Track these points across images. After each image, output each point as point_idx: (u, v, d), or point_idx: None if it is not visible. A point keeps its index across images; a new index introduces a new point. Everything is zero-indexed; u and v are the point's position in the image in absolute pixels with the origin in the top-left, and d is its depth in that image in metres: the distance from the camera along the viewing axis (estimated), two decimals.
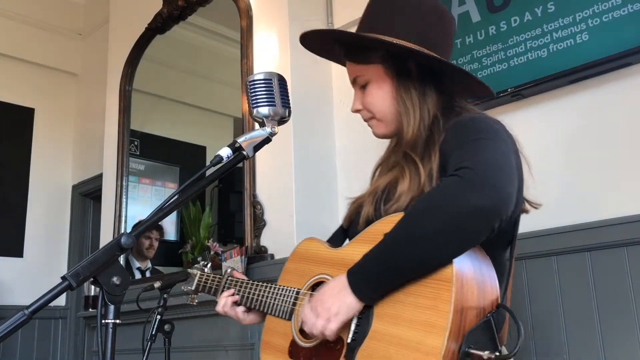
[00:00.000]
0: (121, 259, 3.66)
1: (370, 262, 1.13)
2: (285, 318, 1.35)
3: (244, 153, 1.20)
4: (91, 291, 4.00)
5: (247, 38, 3.17)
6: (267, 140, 1.24)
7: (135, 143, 4.15)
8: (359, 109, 1.40)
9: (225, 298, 1.52)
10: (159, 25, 3.86)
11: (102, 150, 4.23)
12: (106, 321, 0.99)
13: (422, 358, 1.02)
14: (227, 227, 4.17)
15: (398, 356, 1.06)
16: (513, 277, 1.29)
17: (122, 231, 3.76)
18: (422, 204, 1.10)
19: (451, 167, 1.11)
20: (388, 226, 1.13)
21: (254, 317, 1.51)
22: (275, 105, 1.24)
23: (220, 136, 4.75)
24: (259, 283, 1.47)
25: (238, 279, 1.54)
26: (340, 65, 1.52)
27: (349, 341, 1.15)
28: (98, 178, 4.49)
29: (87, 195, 5.10)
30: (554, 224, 2.06)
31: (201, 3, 3.62)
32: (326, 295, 1.16)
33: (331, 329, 1.14)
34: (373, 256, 1.12)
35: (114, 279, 0.99)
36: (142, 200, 4.28)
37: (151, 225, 1.09)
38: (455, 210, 1.03)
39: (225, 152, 1.18)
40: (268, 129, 1.24)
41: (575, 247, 2.03)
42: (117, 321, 1.00)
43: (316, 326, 1.15)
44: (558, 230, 2.06)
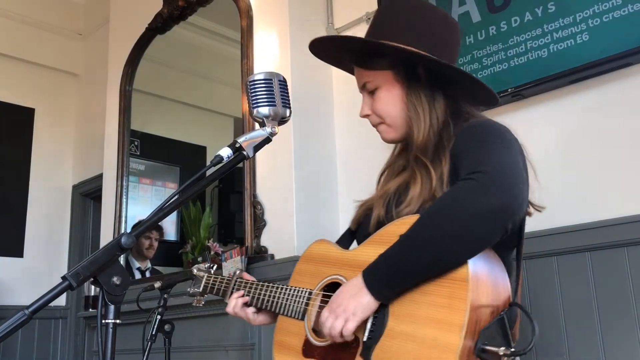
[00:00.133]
0: (121, 259, 3.66)
1: (386, 262, 1.16)
2: (298, 318, 1.37)
3: (244, 153, 1.20)
4: (91, 291, 4.00)
5: (248, 38, 3.17)
6: (268, 140, 1.24)
7: (135, 143, 4.15)
8: (368, 114, 1.42)
9: (235, 299, 1.53)
10: (159, 25, 3.86)
11: (103, 150, 4.23)
12: (106, 321, 0.99)
13: (439, 355, 1.05)
14: (227, 227, 4.17)
15: (414, 353, 1.09)
16: None
17: (123, 231, 3.76)
18: (439, 206, 1.14)
19: (464, 171, 1.15)
20: (401, 228, 1.16)
21: (264, 318, 1.53)
22: (275, 105, 1.24)
23: (220, 136, 4.75)
24: (270, 284, 1.49)
25: (247, 281, 1.56)
26: (342, 70, 1.55)
27: (365, 339, 1.18)
28: (98, 178, 4.49)
29: (88, 195, 5.10)
30: (555, 224, 2.06)
31: (201, 3, 3.62)
32: (343, 296, 1.19)
33: (349, 329, 1.17)
34: (389, 256, 1.15)
35: (114, 279, 1.00)
36: (143, 200, 4.28)
37: (151, 225, 1.10)
38: (471, 212, 1.07)
39: (225, 152, 1.18)
40: (268, 129, 1.24)
41: (575, 247, 2.03)
42: (118, 321, 1.00)
43: (335, 327, 1.18)
44: (558, 230, 2.06)
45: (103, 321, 0.99)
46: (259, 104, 1.24)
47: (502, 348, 1.07)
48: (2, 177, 4.84)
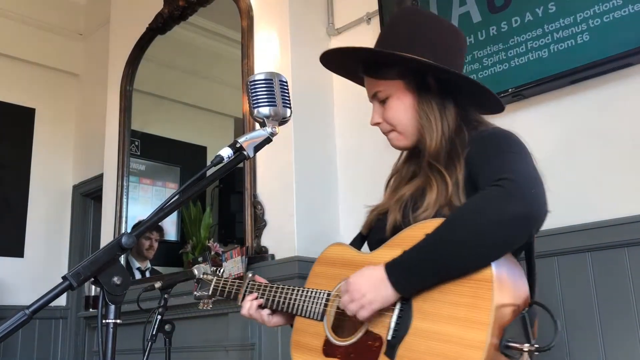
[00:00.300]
0: (121, 259, 3.66)
1: (411, 258, 1.20)
2: (316, 319, 1.41)
3: (245, 153, 1.20)
4: (92, 291, 4.00)
5: (248, 38, 3.17)
6: (268, 140, 1.24)
7: (135, 143, 4.15)
8: (379, 122, 1.46)
9: (249, 302, 1.56)
10: (160, 25, 3.86)
11: (103, 150, 4.23)
12: (107, 321, 1.00)
13: (467, 352, 1.10)
14: (228, 228, 4.17)
15: (440, 350, 1.13)
16: None
17: (123, 231, 3.76)
18: (466, 210, 1.19)
19: (485, 179, 1.21)
20: (422, 231, 1.21)
21: (279, 319, 1.57)
22: (275, 105, 1.24)
23: (220, 136, 4.75)
24: (285, 286, 1.52)
25: (261, 283, 1.59)
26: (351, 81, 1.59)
27: (390, 338, 1.22)
28: (99, 178, 4.50)
29: (88, 195, 5.10)
30: (555, 225, 2.06)
31: (202, 3, 3.62)
32: (363, 282, 1.24)
33: (363, 315, 1.23)
34: (414, 253, 1.20)
35: (115, 279, 1.00)
36: (143, 200, 4.28)
37: (151, 225, 1.10)
38: (498, 217, 1.13)
39: (225, 152, 1.18)
40: (269, 129, 1.24)
41: (576, 248, 2.03)
42: (118, 321, 1.00)
43: (349, 308, 1.24)
44: (559, 230, 2.05)
45: (103, 321, 0.99)
46: (260, 104, 1.24)
47: (527, 344, 1.13)
48: (3, 177, 4.84)
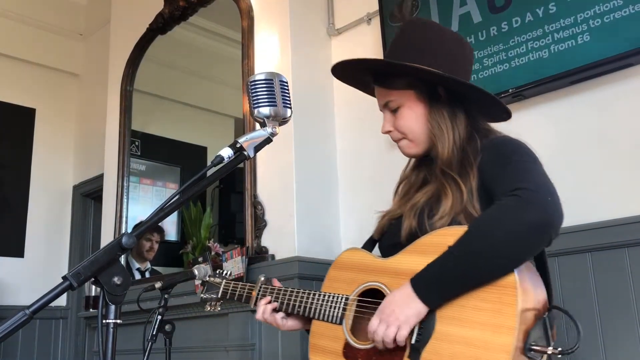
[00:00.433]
0: (121, 260, 3.66)
1: (436, 271, 1.24)
2: (335, 322, 1.43)
3: (245, 153, 1.20)
4: (92, 291, 3.99)
5: (248, 38, 3.17)
6: (268, 140, 1.24)
7: (136, 143, 4.15)
8: (390, 130, 1.51)
9: (264, 305, 1.57)
10: (160, 25, 3.86)
11: (103, 150, 4.23)
12: (107, 321, 0.99)
13: (493, 355, 1.13)
14: (228, 228, 4.17)
15: (465, 354, 1.17)
16: None
17: (123, 231, 3.75)
18: (487, 221, 1.22)
19: (503, 188, 1.24)
20: (444, 239, 1.25)
21: (294, 323, 1.58)
22: (276, 105, 1.24)
23: (221, 136, 4.75)
24: (301, 290, 1.54)
25: (274, 287, 1.61)
26: (363, 95, 1.64)
27: (413, 342, 1.25)
28: (99, 178, 4.49)
29: (88, 195, 5.10)
30: None
31: (202, 3, 3.62)
32: (393, 305, 1.26)
33: (403, 335, 1.25)
34: (439, 265, 1.23)
35: (115, 279, 0.99)
36: (143, 200, 4.28)
37: (152, 225, 1.09)
38: (519, 226, 1.17)
39: (226, 153, 1.18)
40: (269, 129, 1.24)
41: (576, 248, 2.03)
42: (118, 321, 1.00)
43: (388, 334, 1.25)
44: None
45: (104, 321, 0.99)
46: (260, 104, 1.24)
47: (550, 347, 1.17)
48: (3, 178, 4.84)
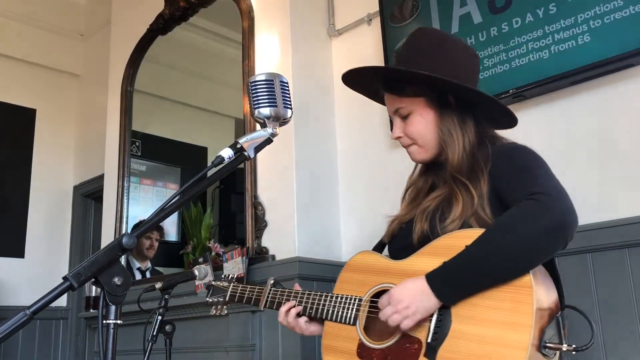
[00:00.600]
0: (122, 260, 3.66)
1: (454, 269, 1.26)
2: (349, 323, 1.45)
3: (245, 154, 1.20)
4: (92, 292, 3.99)
5: (249, 39, 3.17)
6: (269, 141, 1.24)
7: (136, 144, 4.15)
8: (400, 136, 1.53)
9: (287, 310, 1.58)
10: (161, 26, 3.87)
11: (104, 151, 4.23)
12: (107, 322, 0.99)
13: (510, 352, 1.17)
14: (228, 228, 4.17)
15: (482, 351, 1.20)
16: None
17: (124, 232, 3.76)
18: (506, 223, 1.25)
19: (519, 193, 1.28)
20: (458, 241, 1.28)
21: (315, 328, 1.59)
22: (276, 106, 1.24)
23: (221, 137, 4.75)
24: (312, 292, 1.56)
25: (284, 290, 1.62)
26: (362, 95, 1.65)
27: (429, 341, 1.28)
28: (99, 179, 4.50)
29: (89, 196, 5.10)
30: None
31: (203, 4, 3.62)
32: (406, 294, 1.29)
33: (407, 325, 1.28)
34: (457, 264, 1.26)
35: (115, 280, 0.99)
36: (144, 201, 4.28)
37: (152, 225, 1.09)
38: (538, 229, 1.21)
39: (226, 153, 1.18)
40: (269, 130, 1.24)
41: (576, 249, 2.03)
42: (118, 322, 1.00)
43: (393, 319, 1.29)
44: None
45: (104, 322, 0.99)
46: (260, 105, 1.24)
47: (565, 345, 1.21)
48: (3, 178, 4.85)
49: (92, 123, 5.01)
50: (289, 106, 1.27)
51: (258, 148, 1.22)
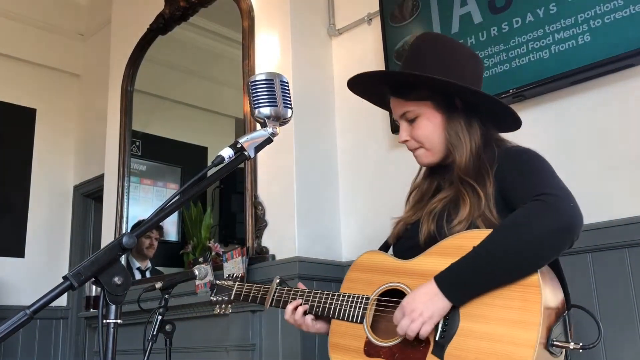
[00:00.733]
0: (122, 260, 3.66)
1: (462, 269, 1.28)
2: (356, 322, 1.46)
3: (246, 153, 1.20)
4: (92, 291, 3.99)
5: (249, 39, 3.17)
6: (269, 140, 1.24)
7: (136, 144, 4.15)
8: (407, 140, 1.54)
9: (293, 308, 1.59)
10: (161, 26, 3.87)
11: (104, 150, 4.23)
12: (107, 321, 0.99)
13: (518, 350, 1.18)
14: (229, 228, 4.17)
15: (491, 349, 1.21)
16: None
17: (124, 231, 3.75)
18: (514, 223, 1.27)
19: (526, 194, 1.30)
20: (467, 241, 1.30)
21: (322, 326, 1.59)
22: (276, 105, 1.24)
23: (221, 137, 4.75)
24: (319, 291, 1.57)
25: (290, 288, 1.63)
26: (367, 101, 1.70)
27: (437, 339, 1.29)
28: (99, 179, 4.50)
29: (89, 195, 5.10)
30: None
31: (203, 4, 3.62)
32: (417, 301, 1.30)
33: (426, 330, 1.29)
34: (466, 264, 1.28)
35: (116, 279, 1.00)
36: (144, 200, 4.28)
37: (153, 225, 1.09)
38: (546, 228, 1.23)
39: (226, 153, 1.18)
40: (269, 130, 1.24)
41: (576, 249, 2.01)
42: (119, 321, 1.00)
43: (412, 329, 1.29)
44: None
45: (104, 321, 0.99)
46: (261, 105, 1.23)
47: (572, 343, 1.23)
48: (4, 178, 4.85)
49: (92, 123, 5.01)
50: (289, 106, 1.26)
51: (258, 148, 1.22)
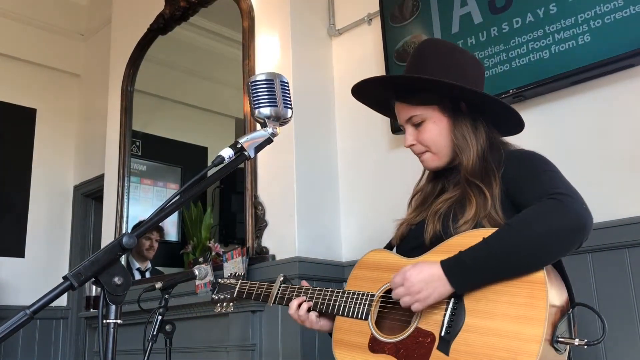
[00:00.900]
0: (122, 260, 3.66)
1: (470, 258, 1.28)
2: (361, 318, 1.47)
3: (246, 154, 1.20)
4: (92, 291, 3.99)
5: (249, 39, 3.17)
6: (269, 140, 1.24)
7: (136, 144, 4.15)
8: (413, 144, 1.55)
9: (297, 305, 1.60)
10: (161, 26, 3.87)
11: (104, 150, 4.23)
12: (107, 321, 0.99)
13: (524, 345, 1.19)
14: (229, 228, 4.17)
15: (496, 344, 1.22)
16: None
17: (124, 231, 3.76)
18: (526, 219, 1.27)
19: (537, 193, 1.31)
20: (474, 240, 1.30)
21: (325, 323, 1.60)
22: (276, 105, 1.24)
23: (222, 137, 4.75)
24: (324, 288, 1.58)
25: (295, 286, 1.64)
26: (368, 107, 1.71)
27: (443, 334, 1.30)
28: (100, 178, 4.50)
29: (89, 195, 5.11)
30: None
31: (203, 4, 3.62)
32: (419, 277, 1.31)
33: (417, 308, 1.31)
34: (474, 253, 1.28)
35: (116, 279, 1.00)
36: (144, 200, 4.28)
37: (152, 225, 1.09)
38: (559, 226, 1.24)
39: (226, 153, 1.18)
40: (269, 130, 1.24)
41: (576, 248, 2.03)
42: (119, 321, 1.00)
43: (404, 300, 1.32)
44: None
45: (104, 321, 0.99)
46: (261, 105, 1.24)
47: (577, 339, 1.24)
48: (4, 178, 4.85)
49: (93, 123, 5.01)
50: (289, 106, 1.27)
51: (258, 148, 1.23)
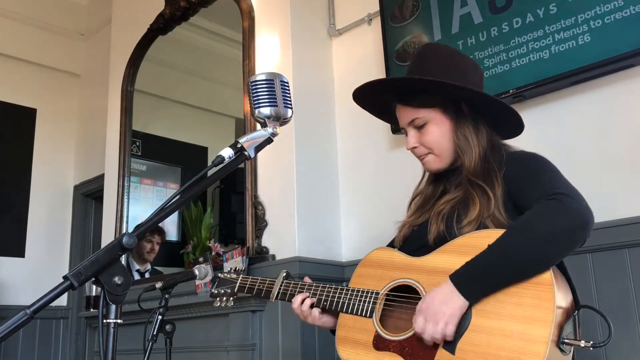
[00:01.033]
0: (122, 260, 3.66)
1: (478, 267, 1.29)
2: (365, 316, 1.47)
3: (246, 153, 1.20)
4: (92, 291, 3.99)
5: (249, 39, 3.17)
6: (269, 140, 1.24)
7: (137, 144, 4.15)
8: (416, 147, 1.56)
9: (301, 301, 1.60)
10: (161, 26, 3.87)
11: (104, 150, 4.23)
12: (107, 321, 0.99)
13: (530, 345, 1.20)
14: (229, 228, 4.17)
15: (503, 344, 1.23)
16: None
17: (124, 231, 3.76)
18: (529, 221, 1.29)
19: (538, 193, 1.32)
20: (480, 240, 1.31)
21: (328, 320, 1.61)
22: (277, 105, 1.24)
23: (222, 137, 4.75)
24: (327, 285, 1.58)
25: (297, 282, 1.64)
26: (368, 111, 1.74)
27: None
28: (100, 178, 4.50)
29: (89, 195, 5.11)
30: None
31: (203, 4, 3.62)
32: (436, 304, 1.30)
33: (451, 330, 1.29)
34: (481, 262, 1.29)
35: (116, 279, 1.00)
36: (144, 200, 4.28)
37: (152, 225, 1.09)
38: (562, 227, 1.25)
39: (226, 153, 1.18)
40: (270, 130, 1.24)
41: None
42: (119, 321, 1.00)
43: (437, 332, 1.29)
44: None
45: (104, 321, 0.99)
46: (261, 105, 1.24)
47: (583, 341, 1.25)
48: (4, 178, 4.85)
49: (93, 123, 5.01)
50: (290, 106, 1.27)
51: (258, 148, 1.22)
